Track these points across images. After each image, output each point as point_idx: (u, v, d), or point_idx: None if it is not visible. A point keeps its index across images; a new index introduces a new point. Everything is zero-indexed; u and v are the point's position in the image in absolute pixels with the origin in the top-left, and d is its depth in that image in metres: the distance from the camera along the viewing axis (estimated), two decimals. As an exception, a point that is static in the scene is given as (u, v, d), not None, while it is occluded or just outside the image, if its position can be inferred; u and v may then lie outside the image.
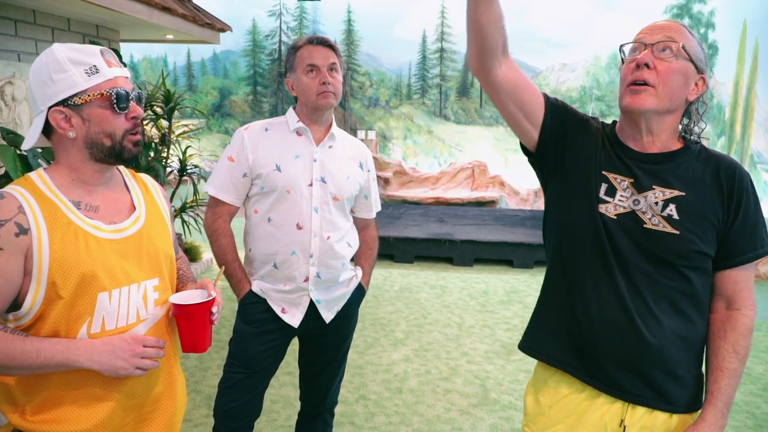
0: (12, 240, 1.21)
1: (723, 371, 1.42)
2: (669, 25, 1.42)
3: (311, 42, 2.08)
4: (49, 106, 1.27)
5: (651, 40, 1.40)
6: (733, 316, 1.45)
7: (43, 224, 1.24)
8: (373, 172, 2.36)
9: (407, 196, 10.22)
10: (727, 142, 12.46)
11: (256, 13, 13.14)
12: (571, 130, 1.52)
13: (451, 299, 5.54)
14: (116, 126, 1.31)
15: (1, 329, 1.23)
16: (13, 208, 1.22)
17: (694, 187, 1.43)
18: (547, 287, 1.63)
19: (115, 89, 1.29)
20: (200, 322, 1.39)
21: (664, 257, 1.41)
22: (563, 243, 1.55)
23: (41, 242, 1.23)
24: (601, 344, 1.47)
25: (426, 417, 3.33)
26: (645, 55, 1.39)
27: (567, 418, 1.55)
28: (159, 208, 1.50)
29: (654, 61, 1.38)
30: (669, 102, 1.40)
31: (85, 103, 1.28)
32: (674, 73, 1.39)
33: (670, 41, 1.38)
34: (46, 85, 1.27)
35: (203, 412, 3.26)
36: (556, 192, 1.56)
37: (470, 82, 13.01)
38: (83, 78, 1.27)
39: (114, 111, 1.30)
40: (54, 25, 4.24)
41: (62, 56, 1.27)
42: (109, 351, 1.27)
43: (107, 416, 1.32)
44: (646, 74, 1.39)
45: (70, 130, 1.29)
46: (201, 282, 1.50)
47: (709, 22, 12.22)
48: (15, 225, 1.21)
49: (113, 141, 1.31)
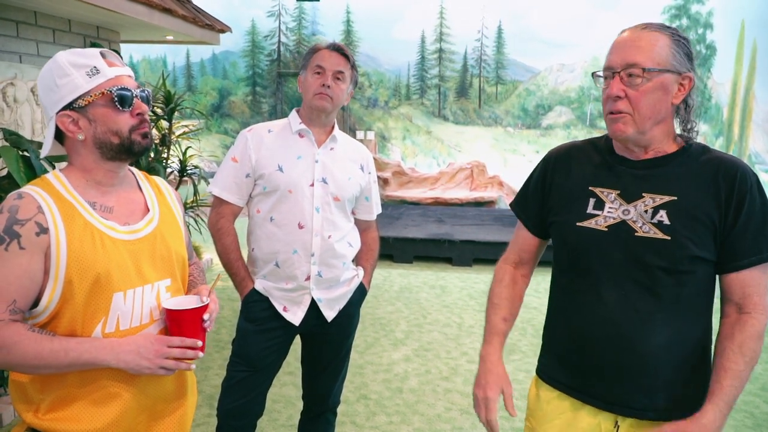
0: (33, 239, 1.23)
1: (727, 371, 1.38)
2: (633, 42, 1.38)
3: (330, 47, 2.14)
4: (57, 111, 1.29)
5: (618, 66, 1.39)
6: (742, 319, 1.41)
7: (61, 224, 1.26)
8: (374, 174, 2.38)
9: (406, 196, 10.24)
10: (725, 143, 12.49)
11: (255, 13, 13.15)
12: (546, 187, 1.63)
13: (450, 299, 5.56)
14: (121, 123, 1.32)
15: (29, 329, 1.24)
16: (33, 208, 1.24)
17: (687, 190, 1.41)
18: (549, 308, 1.67)
19: (117, 87, 1.30)
20: (191, 329, 1.37)
21: (658, 264, 1.40)
22: (557, 263, 1.61)
23: (59, 241, 1.25)
24: (594, 361, 1.49)
25: (427, 416, 3.34)
26: (614, 87, 1.39)
27: (563, 414, 1.57)
28: (172, 210, 1.52)
29: (624, 90, 1.38)
30: (650, 120, 1.40)
31: (89, 104, 1.29)
32: (647, 95, 1.37)
33: (634, 67, 1.36)
34: (52, 90, 1.29)
35: (204, 411, 3.28)
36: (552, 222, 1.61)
37: (469, 83, 13.03)
38: (85, 80, 1.28)
39: (117, 109, 1.31)
40: (55, 26, 4.25)
41: (64, 61, 1.29)
42: (134, 350, 1.29)
43: (120, 415, 1.34)
44: (619, 105, 1.39)
45: (78, 133, 1.31)
46: (197, 288, 1.51)
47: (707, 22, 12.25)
48: (35, 224, 1.23)
49: (121, 138, 1.33)
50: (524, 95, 13.03)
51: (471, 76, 12.97)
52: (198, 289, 1.50)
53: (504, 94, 13.06)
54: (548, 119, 13.01)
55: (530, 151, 12.86)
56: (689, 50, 1.40)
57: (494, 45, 12.83)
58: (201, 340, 1.39)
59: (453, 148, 13.08)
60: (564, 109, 12.99)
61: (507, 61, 12.90)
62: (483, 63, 12.91)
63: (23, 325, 1.25)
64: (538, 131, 13.04)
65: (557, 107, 13.02)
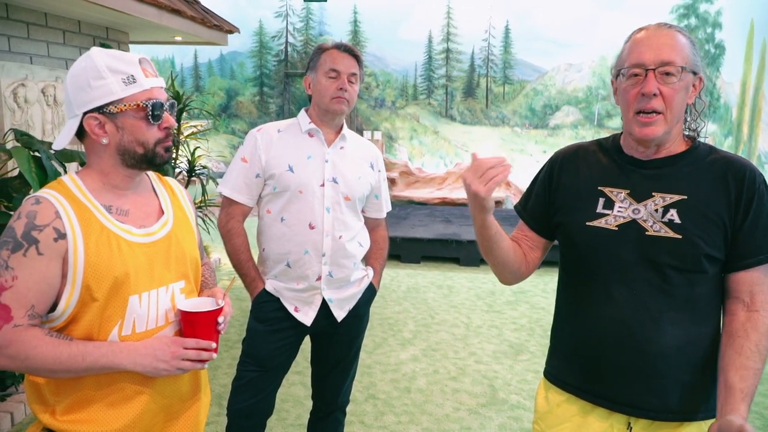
0: (51, 245, 1.23)
1: (748, 370, 1.35)
2: (666, 41, 1.37)
3: (339, 48, 2.12)
4: (85, 112, 1.29)
5: (651, 63, 1.36)
6: (753, 317, 1.40)
7: (78, 229, 1.26)
8: (384, 172, 2.38)
9: (413, 196, 10.24)
10: (734, 143, 12.41)
11: (262, 14, 13.16)
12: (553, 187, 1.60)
13: (458, 299, 5.55)
14: (149, 136, 1.33)
15: (47, 334, 1.25)
16: (51, 214, 1.25)
17: (697, 189, 1.41)
18: (556, 310, 1.66)
19: (151, 101, 1.30)
20: (205, 331, 1.38)
21: (669, 263, 1.40)
22: (565, 264, 1.60)
23: (77, 246, 1.25)
24: (604, 362, 1.48)
25: (435, 416, 3.35)
26: (650, 84, 1.36)
27: (573, 418, 1.56)
28: (185, 212, 1.52)
29: (659, 88, 1.36)
30: (677, 119, 1.41)
31: (121, 113, 1.29)
32: (678, 94, 1.37)
33: (671, 65, 1.35)
34: (83, 90, 1.28)
35: (214, 410, 3.29)
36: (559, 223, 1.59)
37: (476, 83, 13.00)
38: (120, 87, 1.28)
39: (148, 122, 1.31)
40: (65, 27, 4.28)
41: (101, 63, 1.28)
42: (150, 354, 1.30)
43: (137, 417, 1.35)
44: (654, 103, 1.37)
45: (103, 137, 1.30)
46: (212, 290, 1.52)
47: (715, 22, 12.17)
48: (53, 230, 1.24)
49: (146, 149, 1.33)
50: (532, 95, 12.99)
51: (478, 76, 12.93)
52: (213, 291, 1.51)
53: (511, 94, 13.02)
54: (556, 119, 12.96)
55: (538, 151, 12.81)
56: (699, 51, 1.42)
57: (501, 45, 12.80)
58: (215, 342, 1.39)
59: (460, 148, 13.05)
60: (572, 109, 12.93)
61: (514, 61, 12.86)
62: (490, 63, 12.88)
63: (41, 330, 1.25)
64: (545, 131, 12.99)
65: (565, 107, 12.97)
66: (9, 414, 3.07)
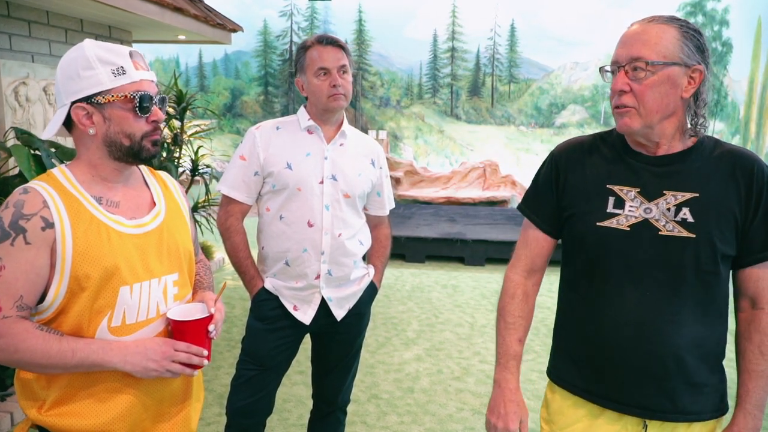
0: (39, 234, 1.23)
1: (750, 373, 1.39)
2: (641, 36, 1.36)
3: (320, 42, 2.07)
4: (73, 101, 1.28)
5: (623, 59, 1.36)
6: (757, 316, 1.40)
7: (67, 219, 1.25)
8: (386, 169, 2.35)
9: (418, 195, 10.22)
10: (742, 141, 12.33)
11: (267, 13, 13.17)
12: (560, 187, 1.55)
13: (462, 299, 5.52)
14: (136, 128, 1.32)
15: (37, 328, 1.24)
16: (38, 203, 1.24)
17: (707, 186, 1.38)
18: (559, 310, 1.62)
19: (139, 92, 1.29)
20: (196, 339, 1.36)
21: (683, 263, 1.37)
22: (570, 264, 1.55)
23: (65, 236, 1.24)
24: (615, 363, 1.45)
25: (438, 416, 3.32)
26: (619, 81, 1.37)
27: (583, 419, 1.53)
28: (178, 204, 1.51)
29: (628, 84, 1.35)
30: (656, 114, 1.36)
31: (108, 103, 1.28)
32: (651, 89, 1.34)
33: (639, 61, 1.33)
34: (72, 80, 1.28)
35: (215, 410, 3.27)
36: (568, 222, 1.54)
37: (481, 82, 12.97)
38: (109, 78, 1.27)
39: (135, 114, 1.30)
40: (67, 26, 4.27)
41: (91, 53, 1.27)
42: (141, 353, 1.29)
43: (125, 411, 1.34)
44: (624, 99, 1.37)
45: (90, 127, 1.30)
46: (203, 296, 1.49)
47: (723, 19, 12.10)
48: (41, 219, 1.23)
49: (132, 141, 1.32)
50: (537, 94, 12.94)
51: (483, 74, 12.90)
52: (204, 296, 1.48)
53: (517, 92, 12.98)
54: (562, 118, 12.91)
55: (543, 150, 12.76)
56: (700, 42, 1.35)
57: (507, 43, 12.76)
58: (206, 350, 1.37)
59: (465, 148, 13.03)
60: (578, 107, 12.89)
61: (520, 60, 12.82)
62: (496, 61, 12.84)
63: (31, 324, 1.25)
64: (551, 130, 12.95)
65: (571, 106, 12.93)
66: (9, 414, 3.06)
